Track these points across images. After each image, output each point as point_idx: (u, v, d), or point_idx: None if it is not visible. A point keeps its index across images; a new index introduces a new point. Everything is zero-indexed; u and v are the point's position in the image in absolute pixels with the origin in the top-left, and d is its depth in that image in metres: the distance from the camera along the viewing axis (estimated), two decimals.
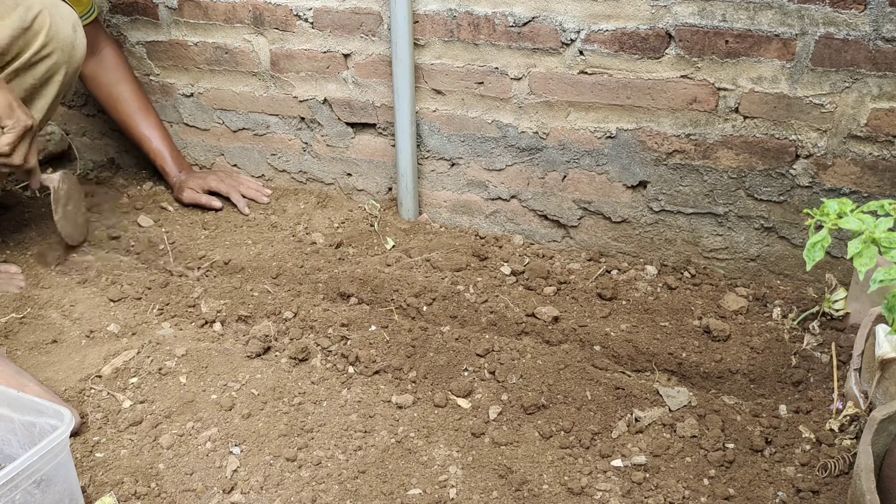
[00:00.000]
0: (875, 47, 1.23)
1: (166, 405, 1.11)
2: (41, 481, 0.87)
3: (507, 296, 1.40)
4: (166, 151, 1.78)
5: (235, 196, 1.75)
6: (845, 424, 1.06)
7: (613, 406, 1.11)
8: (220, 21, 1.70)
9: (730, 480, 1.00)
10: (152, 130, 1.77)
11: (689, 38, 1.33)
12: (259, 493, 0.97)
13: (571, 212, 1.57)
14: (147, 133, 1.77)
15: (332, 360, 1.22)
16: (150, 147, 1.77)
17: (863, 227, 0.84)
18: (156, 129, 1.78)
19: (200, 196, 1.74)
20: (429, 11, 1.50)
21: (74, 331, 1.29)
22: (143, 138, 1.77)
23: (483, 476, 1.00)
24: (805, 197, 1.38)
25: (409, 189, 1.66)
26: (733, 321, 1.33)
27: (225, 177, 1.78)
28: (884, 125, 1.27)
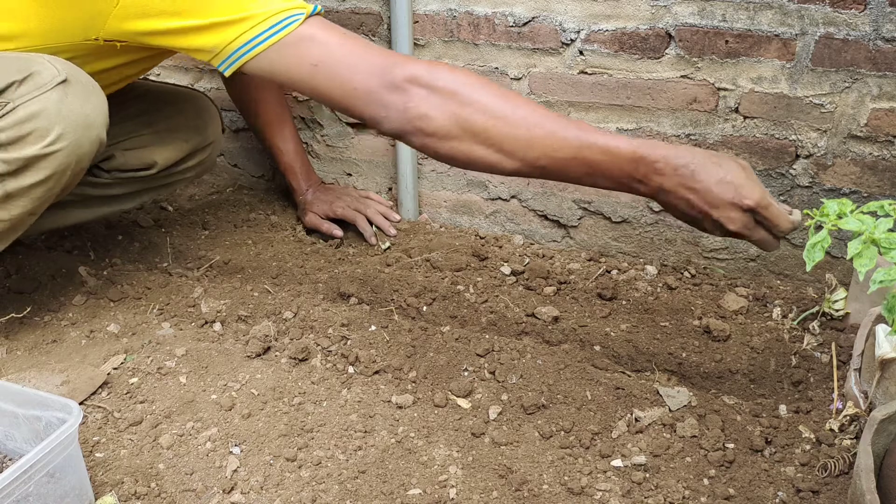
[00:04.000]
0: (875, 47, 1.23)
1: (166, 405, 1.11)
2: (53, 473, 0.89)
3: (507, 296, 1.40)
4: (297, 166, 1.70)
5: (362, 224, 1.63)
6: (845, 424, 1.06)
7: (613, 406, 1.11)
8: None
9: (730, 480, 1.00)
10: (286, 143, 1.69)
11: (689, 38, 1.33)
12: (259, 493, 0.97)
13: (571, 212, 1.57)
14: (280, 145, 1.68)
15: (332, 360, 1.22)
16: (282, 160, 1.69)
17: (863, 228, 0.84)
18: (290, 141, 1.69)
19: (322, 223, 1.64)
20: (429, 11, 1.50)
21: (74, 331, 1.29)
22: (277, 150, 1.69)
23: (483, 476, 1.00)
24: (805, 197, 1.38)
25: (409, 189, 1.66)
26: (733, 321, 1.33)
27: (352, 200, 1.67)
28: (884, 125, 1.27)
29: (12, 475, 0.83)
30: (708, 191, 0.95)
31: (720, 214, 0.96)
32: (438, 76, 1.01)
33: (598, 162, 0.98)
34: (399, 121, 1.02)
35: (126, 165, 1.41)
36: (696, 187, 0.96)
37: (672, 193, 0.97)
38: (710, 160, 0.97)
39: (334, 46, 1.05)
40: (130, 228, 1.65)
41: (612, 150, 0.97)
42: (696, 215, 0.98)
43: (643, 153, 0.97)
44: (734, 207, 0.95)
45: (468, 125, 0.99)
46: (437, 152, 1.03)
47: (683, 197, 0.97)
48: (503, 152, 1.00)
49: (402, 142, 1.07)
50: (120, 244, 1.59)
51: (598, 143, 0.98)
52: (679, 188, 0.97)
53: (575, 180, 1.03)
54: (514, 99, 1.03)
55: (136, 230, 1.65)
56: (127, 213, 1.72)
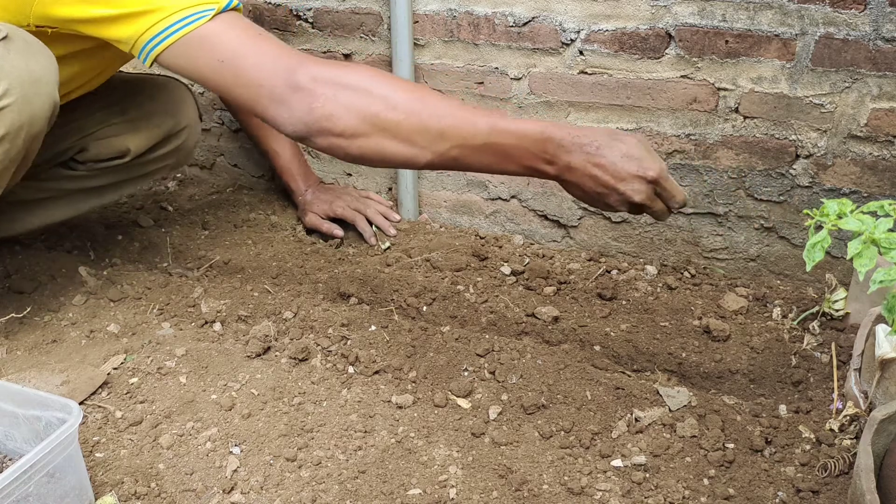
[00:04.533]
0: (875, 47, 1.23)
1: (166, 405, 1.11)
2: (53, 473, 0.89)
3: (507, 296, 1.40)
4: (294, 167, 1.70)
5: (361, 224, 1.63)
6: (845, 424, 1.06)
7: (613, 406, 1.11)
8: None
9: (730, 480, 1.00)
10: (282, 145, 1.69)
11: (689, 38, 1.33)
12: (259, 493, 0.97)
13: (571, 212, 1.57)
14: (276, 147, 1.68)
15: (332, 360, 1.22)
16: (279, 163, 1.70)
17: (863, 228, 0.84)
18: (286, 143, 1.69)
19: (322, 223, 1.64)
20: (429, 11, 1.50)
21: (74, 331, 1.29)
22: (273, 153, 1.69)
23: (483, 476, 1.00)
24: (805, 197, 1.38)
25: (409, 189, 1.66)
26: (733, 321, 1.33)
27: (351, 200, 1.67)
28: (884, 125, 1.27)
29: (12, 475, 0.83)
30: (614, 165, 0.99)
31: (626, 187, 1.00)
32: (344, 75, 1.00)
33: (509, 146, 1.00)
34: (304, 121, 0.99)
35: (100, 155, 1.40)
36: (602, 163, 0.99)
37: (579, 171, 1.00)
38: (611, 137, 1.01)
39: (242, 43, 1.02)
40: (130, 228, 1.65)
41: (521, 133, 1.00)
42: (601, 191, 1.01)
43: (550, 133, 1.00)
44: (639, 179, 1.00)
45: (378, 121, 0.98)
46: (346, 152, 1.01)
47: (590, 173, 1.00)
48: (416, 146, 0.99)
49: (308, 144, 1.03)
50: (120, 244, 1.59)
51: (508, 127, 1.00)
52: (587, 165, 1.00)
53: (485, 168, 1.04)
54: (422, 91, 1.03)
55: (136, 230, 1.65)
56: (117, 206, 1.72)
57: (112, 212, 1.73)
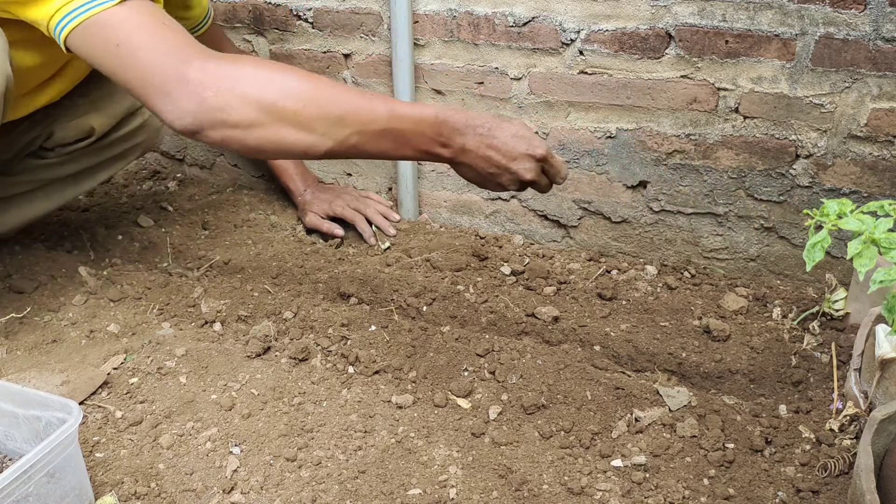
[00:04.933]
0: (875, 47, 1.23)
1: (166, 405, 1.11)
2: (53, 473, 0.89)
3: (507, 296, 1.40)
4: (291, 168, 1.70)
5: (361, 224, 1.62)
6: (845, 424, 1.06)
7: (613, 406, 1.11)
8: (220, 21, 1.71)
9: (730, 480, 1.00)
10: None
11: (689, 38, 1.33)
12: (259, 493, 0.97)
13: (571, 212, 1.57)
14: None
15: (332, 360, 1.22)
16: (275, 164, 1.70)
17: (862, 228, 0.84)
18: None
19: (322, 223, 1.64)
20: (429, 11, 1.50)
21: (74, 331, 1.29)
22: None
23: (483, 476, 1.00)
24: (805, 197, 1.38)
25: (409, 189, 1.66)
26: (733, 321, 1.33)
27: (351, 199, 1.66)
28: (884, 125, 1.27)
29: (12, 475, 0.83)
30: (506, 145, 1.04)
31: (518, 166, 1.05)
32: (238, 68, 0.98)
33: (407, 131, 1.01)
34: (193, 114, 0.96)
35: (66, 138, 1.40)
36: (495, 143, 1.04)
37: (473, 152, 1.04)
38: (500, 120, 1.06)
39: (142, 30, 0.99)
40: (130, 228, 1.65)
41: (418, 118, 1.02)
42: (494, 171, 1.06)
43: (445, 117, 1.03)
44: (529, 158, 1.06)
45: (275, 110, 0.96)
46: (243, 144, 0.98)
47: (484, 154, 1.05)
48: (316, 133, 0.98)
49: (199, 139, 0.99)
50: (120, 244, 1.59)
51: (405, 112, 1.01)
52: (480, 146, 1.04)
53: (383, 154, 1.04)
54: (318, 79, 1.01)
55: (136, 230, 1.65)
56: (117, 206, 1.72)
57: (112, 212, 1.73)
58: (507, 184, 1.07)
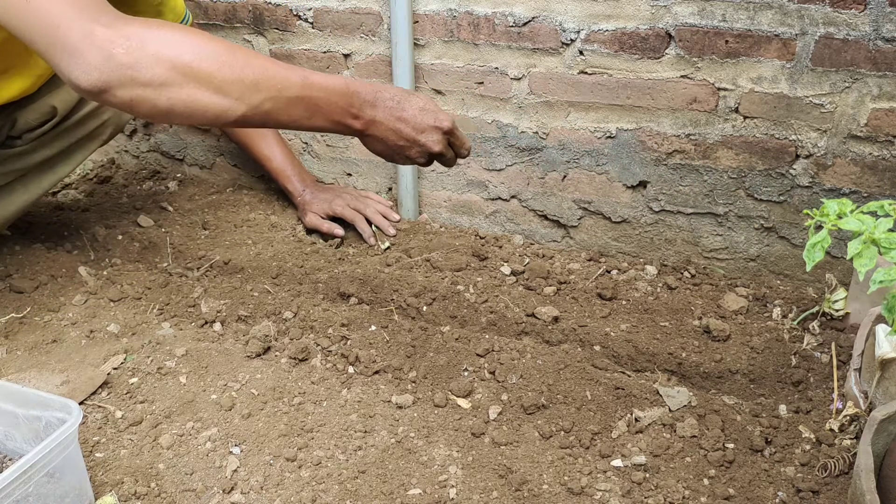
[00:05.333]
0: (875, 47, 1.23)
1: (166, 405, 1.11)
2: (53, 473, 0.89)
3: (507, 296, 1.40)
4: (288, 169, 1.69)
5: (361, 224, 1.62)
6: (845, 424, 1.06)
7: (613, 406, 1.11)
8: (220, 21, 1.71)
9: (730, 480, 1.00)
10: (272, 149, 1.68)
11: (689, 38, 1.33)
12: (259, 493, 0.97)
13: (571, 212, 1.57)
14: (267, 152, 1.68)
15: (332, 360, 1.22)
16: (271, 167, 1.69)
17: (862, 228, 0.84)
18: (276, 146, 1.69)
19: (322, 223, 1.63)
20: (429, 11, 1.50)
21: (74, 331, 1.29)
22: (263, 158, 1.69)
23: (483, 476, 1.00)
24: (805, 197, 1.38)
25: (409, 189, 1.66)
26: (733, 321, 1.33)
27: (351, 199, 1.66)
28: (884, 125, 1.27)
29: (12, 475, 0.83)
30: (414, 118, 1.09)
31: (426, 138, 1.10)
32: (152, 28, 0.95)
33: (320, 100, 1.03)
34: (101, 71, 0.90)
35: (30, 123, 1.39)
36: (404, 116, 1.08)
37: (383, 124, 1.08)
38: (407, 93, 1.10)
39: None
40: (130, 228, 1.65)
41: (330, 88, 1.03)
42: (403, 144, 1.10)
43: (356, 89, 1.06)
44: (437, 130, 1.10)
45: (190, 71, 0.94)
46: (154, 105, 0.94)
47: (394, 127, 1.08)
48: (230, 97, 0.97)
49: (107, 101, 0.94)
50: (120, 244, 1.59)
51: (318, 81, 1.03)
52: (390, 119, 1.08)
53: (295, 123, 1.04)
54: (232, 45, 1.01)
55: (136, 230, 1.65)
56: (117, 206, 1.72)
57: (112, 212, 1.73)
58: (415, 156, 1.11)
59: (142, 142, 1.97)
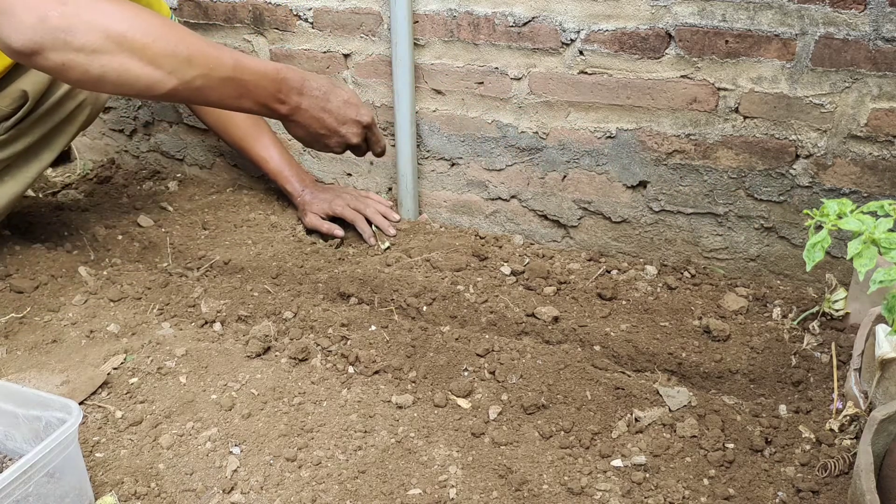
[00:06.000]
0: (875, 47, 1.23)
1: (166, 405, 1.11)
2: (53, 473, 0.89)
3: (507, 296, 1.40)
4: (286, 169, 1.69)
5: (361, 225, 1.62)
6: (845, 424, 1.06)
7: (613, 406, 1.11)
8: (220, 21, 1.71)
9: (730, 480, 1.00)
10: (268, 150, 1.68)
11: (689, 38, 1.33)
12: (259, 493, 0.97)
13: (571, 212, 1.57)
14: (263, 153, 1.68)
15: (332, 360, 1.22)
16: (269, 168, 1.69)
17: (862, 228, 0.84)
18: (272, 147, 1.69)
19: (322, 223, 1.63)
20: (429, 11, 1.50)
21: (74, 331, 1.29)
22: (260, 160, 1.69)
23: (483, 476, 1.00)
24: (805, 197, 1.38)
25: (409, 189, 1.66)
26: (733, 321, 1.33)
27: (351, 199, 1.65)
28: (884, 125, 1.27)
29: (12, 475, 0.83)
30: (338, 110, 1.16)
31: (347, 130, 1.19)
32: None
33: (249, 83, 1.07)
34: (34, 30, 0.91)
35: (3, 110, 1.37)
36: (329, 107, 1.16)
37: (307, 112, 1.14)
38: (334, 85, 1.17)
39: None
40: (130, 228, 1.65)
41: (261, 72, 1.08)
42: (324, 133, 1.17)
43: (286, 75, 1.11)
44: (357, 124, 1.20)
45: (124, 40, 0.95)
46: (86, 70, 0.94)
47: (318, 116, 1.16)
48: (162, 69, 0.98)
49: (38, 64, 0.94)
50: (120, 244, 1.59)
51: (249, 65, 1.07)
52: (315, 108, 1.15)
53: (223, 102, 1.08)
54: (170, 21, 1.02)
55: (136, 230, 1.65)
56: (117, 206, 1.72)
57: (112, 212, 1.73)
58: (334, 146, 1.19)
59: (142, 142, 1.97)
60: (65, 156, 2.03)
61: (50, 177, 1.97)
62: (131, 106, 1.93)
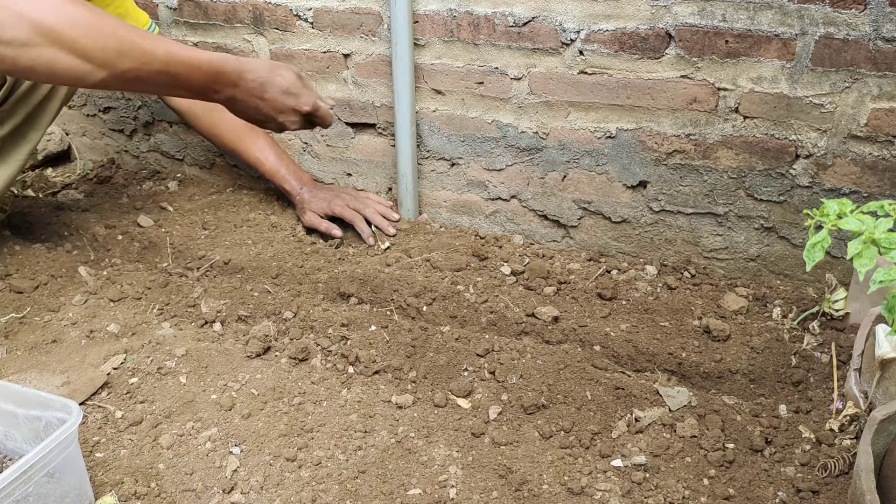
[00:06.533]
0: (875, 47, 1.23)
1: (166, 405, 1.11)
2: (53, 473, 0.89)
3: (507, 296, 1.40)
4: (283, 169, 1.68)
5: (360, 225, 1.61)
6: (845, 424, 1.06)
7: (613, 406, 1.11)
8: (220, 21, 1.71)
9: (730, 480, 1.00)
10: (263, 151, 1.68)
11: (689, 38, 1.33)
12: (259, 493, 0.97)
13: (571, 212, 1.57)
14: (258, 155, 1.68)
15: (332, 360, 1.22)
16: (266, 168, 1.68)
17: (862, 228, 0.84)
18: (267, 149, 1.69)
19: (321, 222, 1.63)
20: (429, 11, 1.50)
21: (74, 331, 1.29)
22: (255, 161, 1.68)
23: (483, 476, 1.00)
24: (805, 197, 1.38)
25: (409, 189, 1.66)
26: (733, 321, 1.33)
27: (350, 199, 1.65)
28: (884, 125, 1.27)
29: (12, 475, 0.83)
30: (274, 99, 1.19)
31: (284, 118, 1.22)
32: None
33: (183, 74, 1.09)
34: None
35: None
36: (265, 97, 1.18)
37: (243, 102, 1.18)
38: (274, 73, 1.18)
39: None
40: (130, 228, 1.65)
41: (194, 65, 1.10)
42: (261, 118, 1.21)
43: (220, 68, 1.13)
44: (295, 112, 1.22)
45: (53, 34, 0.96)
46: (15, 63, 0.96)
47: (253, 105, 1.19)
48: (92, 62, 1.00)
49: None
50: (120, 244, 1.59)
51: (182, 57, 1.08)
52: (250, 98, 1.17)
53: (155, 90, 1.14)
54: (103, 14, 1.03)
55: (136, 230, 1.65)
56: (117, 206, 1.72)
57: (112, 212, 1.73)
58: (275, 129, 1.24)
59: (142, 142, 1.97)
60: (65, 156, 2.03)
61: (50, 177, 1.97)
62: (131, 106, 1.93)
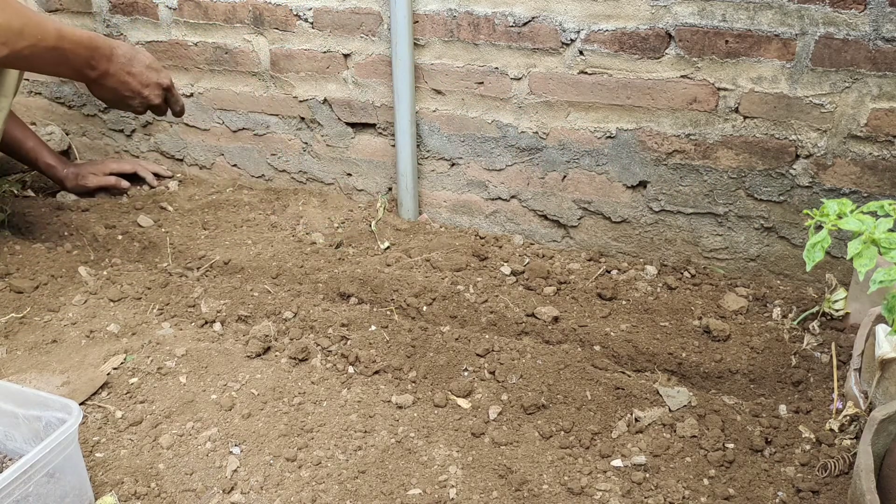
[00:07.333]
0: (875, 47, 1.23)
1: (166, 405, 1.11)
2: (53, 473, 0.89)
3: (507, 296, 1.40)
4: (43, 147, 1.73)
5: (142, 171, 1.79)
6: (845, 424, 1.06)
7: (613, 406, 1.11)
8: (220, 21, 1.71)
9: (730, 480, 1.00)
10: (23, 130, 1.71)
11: (689, 38, 1.33)
12: (259, 493, 0.97)
13: (571, 212, 1.57)
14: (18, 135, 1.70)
15: (332, 360, 1.22)
16: (26, 147, 1.70)
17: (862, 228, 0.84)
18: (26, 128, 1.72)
19: (108, 178, 1.74)
20: (429, 11, 1.50)
21: (74, 331, 1.29)
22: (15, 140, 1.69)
23: (483, 476, 1.00)
24: (805, 197, 1.38)
25: (409, 189, 1.66)
26: (733, 321, 1.33)
27: (119, 158, 1.82)
28: (884, 125, 1.27)
29: (12, 475, 0.83)
30: (142, 73, 1.35)
31: (149, 92, 1.38)
32: None
33: (68, 51, 1.22)
34: None
35: None
36: (133, 71, 1.34)
37: (115, 77, 1.31)
38: (136, 51, 1.35)
39: None
40: (130, 228, 1.65)
41: (77, 40, 1.23)
42: (128, 94, 1.35)
43: (98, 44, 1.27)
44: (158, 86, 1.40)
45: None
46: None
47: (123, 80, 1.33)
48: None
49: None
50: (120, 244, 1.59)
51: (69, 35, 1.21)
52: (121, 72, 1.32)
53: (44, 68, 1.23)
54: None
55: (136, 230, 1.65)
56: (117, 206, 1.72)
57: (112, 212, 1.73)
58: (138, 107, 1.36)
59: (142, 142, 1.97)
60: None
61: None
62: None
